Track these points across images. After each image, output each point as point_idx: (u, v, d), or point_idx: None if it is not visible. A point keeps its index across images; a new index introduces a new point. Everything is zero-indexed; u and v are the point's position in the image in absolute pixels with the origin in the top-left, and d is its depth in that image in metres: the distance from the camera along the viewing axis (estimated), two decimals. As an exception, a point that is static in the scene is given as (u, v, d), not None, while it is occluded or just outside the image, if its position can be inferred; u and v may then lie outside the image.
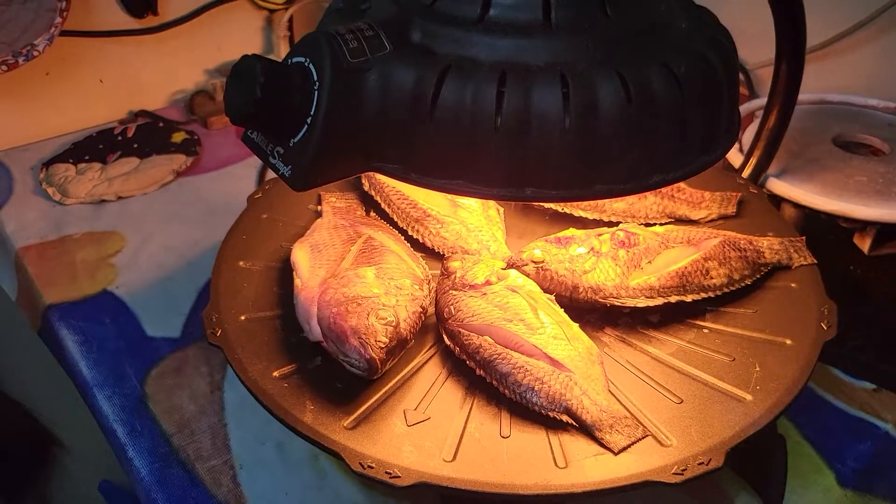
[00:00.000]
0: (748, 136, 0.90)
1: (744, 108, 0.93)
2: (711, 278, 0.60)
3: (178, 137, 1.08)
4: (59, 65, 1.07)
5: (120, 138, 1.08)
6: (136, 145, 1.06)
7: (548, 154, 0.43)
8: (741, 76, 1.16)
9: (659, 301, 0.58)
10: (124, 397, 0.73)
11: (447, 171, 0.44)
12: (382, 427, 0.50)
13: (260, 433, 0.69)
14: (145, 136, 1.08)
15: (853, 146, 0.87)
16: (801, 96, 0.89)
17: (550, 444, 0.49)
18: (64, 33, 1.01)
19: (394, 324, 0.52)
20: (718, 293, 0.60)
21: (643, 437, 0.49)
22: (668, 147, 0.45)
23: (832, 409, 0.72)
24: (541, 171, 0.43)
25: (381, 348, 0.51)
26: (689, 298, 0.59)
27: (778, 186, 0.79)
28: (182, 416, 0.71)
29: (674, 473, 0.46)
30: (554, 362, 0.52)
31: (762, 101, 0.86)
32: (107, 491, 0.91)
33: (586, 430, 0.50)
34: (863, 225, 0.80)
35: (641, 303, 0.58)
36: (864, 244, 0.82)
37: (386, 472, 0.46)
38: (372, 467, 0.47)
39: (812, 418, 0.72)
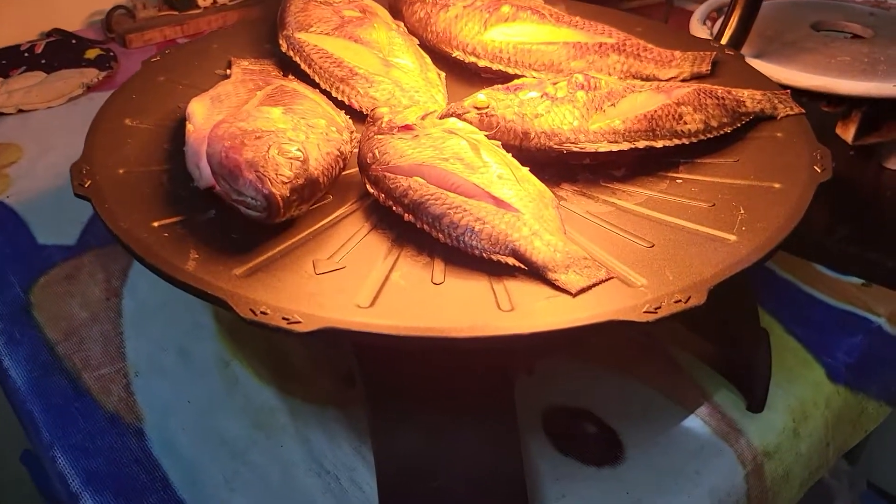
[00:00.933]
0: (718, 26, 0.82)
1: (707, 4, 0.85)
2: (685, 123, 0.51)
3: (91, 54, 0.97)
4: (-43, -27, 0.95)
5: (27, 54, 0.96)
6: (43, 61, 0.95)
7: None
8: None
9: (624, 146, 0.49)
10: (5, 305, 0.62)
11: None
12: (283, 276, 0.40)
13: (161, 339, 0.59)
14: (55, 51, 0.97)
15: (833, 34, 0.79)
16: (776, -8, 0.82)
17: (493, 289, 0.40)
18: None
19: (301, 158, 0.42)
20: (693, 140, 0.51)
21: (607, 279, 0.40)
22: None
23: (818, 304, 0.64)
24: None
25: (284, 183, 0.41)
26: (659, 144, 0.50)
27: (755, 65, 0.70)
28: (70, 324, 0.61)
29: (645, 312, 0.37)
30: (499, 202, 0.42)
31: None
32: (29, 461, 0.79)
33: (537, 272, 0.40)
34: (848, 108, 0.73)
35: (604, 147, 0.49)
36: (848, 133, 0.74)
37: (283, 318, 0.36)
38: (266, 313, 0.37)
39: (797, 312, 0.63)
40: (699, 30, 0.78)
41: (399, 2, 0.66)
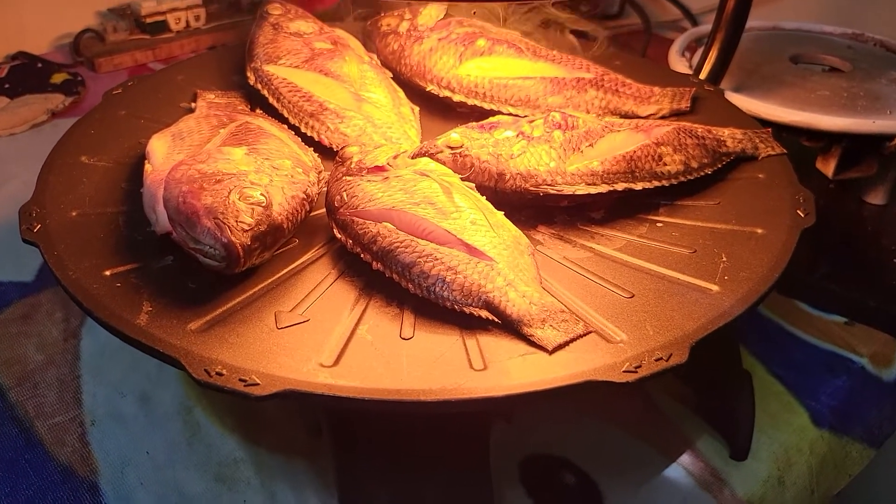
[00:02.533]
0: (697, 58, 0.81)
1: (686, 35, 0.84)
2: (665, 164, 0.49)
3: (58, 78, 0.94)
4: (-85, -7, 0.92)
5: (-11, 79, 0.93)
6: (7, 85, 0.92)
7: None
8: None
9: (603, 188, 0.47)
10: (-47, 350, 0.59)
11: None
12: (242, 331, 0.38)
13: (121, 384, 0.56)
14: (19, 76, 0.94)
15: (812, 66, 0.79)
16: (753, 23, 0.81)
17: (465, 344, 0.37)
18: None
19: (263, 204, 0.40)
20: (673, 182, 0.49)
21: (585, 334, 0.38)
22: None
23: (802, 344, 0.63)
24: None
25: (245, 231, 0.39)
26: (638, 186, 0.48)
27: (735, 99, 0.69)
28: (24, 368, 0.57)
29: (625, 371, 0.35)
30: (472, 250, 0.40)
31: (707, 27, 0.79)
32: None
33: (512, 326, 0.38)
34: (828, 143, 0.72)
35: (581, 190, 0.47)
36: (829, 167, 0.73)
37: (240, 380, 0.34)
38: (221, 374, 0.34)
39: (780, 354, 0.62)
40: (678, 62, 0.77)
41: (372, 33, 0.64)
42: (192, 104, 0.57)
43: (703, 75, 0.69)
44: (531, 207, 0.49)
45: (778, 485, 0.52)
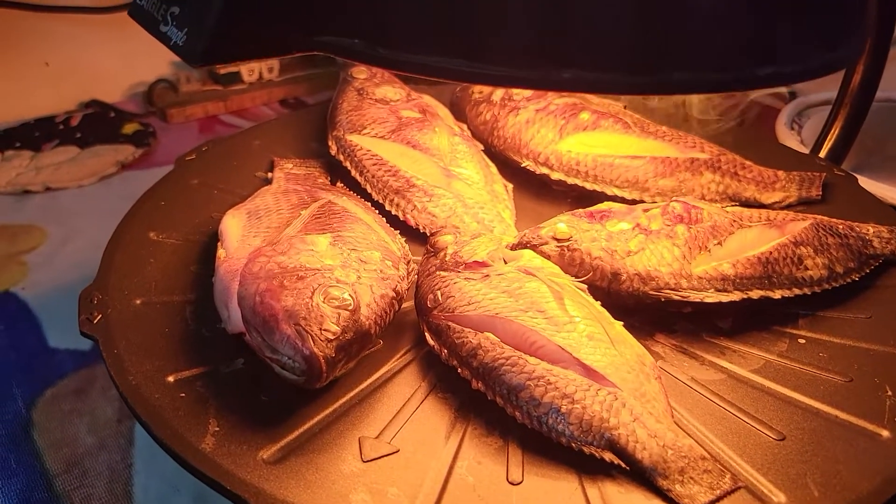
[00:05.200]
0: (808, 132, 0.74)
1: (793, 105, 0.78)
2: (806, 269, 0.42)
3: (129, 129, 0.92)
4: (-5, 40, 0.92)
5: (62, 127, 0.92)
6: (79, 135, 0.90)
7: (607, 13, 0.26)
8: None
9: (735, 296, 0.41)
10: (3, 424, 0.55)
11: (437, 40, 0.27)
12: (321, 463, 0.32)
13: (176, 478, 0.51)
14: (91, 125, 0.92)
15: (940, 144, 0.71)
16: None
17: (587, 494, 0.31)
18: (2, 3, 0.87)
19: (350, 307, 0.35)
20: (816, 289, 0.42)
21: (734, 490, 0.31)
22: (783, 24, 0.28)
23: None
24: (593, 41, 0.26)
25: (329, 341, 0.33)
26: (777, 295, 0.41)
27: (863, 182, 0.62)
28: (74, 452, 0.53)
29: (792, 550, 0.28)
30: (590, 372, 0.34)
31: (814, 97, 0.72)
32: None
33: (642, 474, 0.32)
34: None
35: (711, 297, 0.40)
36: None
37: (320, 534, 0.28)
38: (298, 524, 0.29)
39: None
40: (787, 136, 0.70)
41: (462, 101, 0.59)
42: (269, 174, 0.52)
43: (821, 153, 0.62)
44: (646, 311, 0.42)
45: None
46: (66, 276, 0.70)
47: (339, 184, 0.52)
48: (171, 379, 0.35)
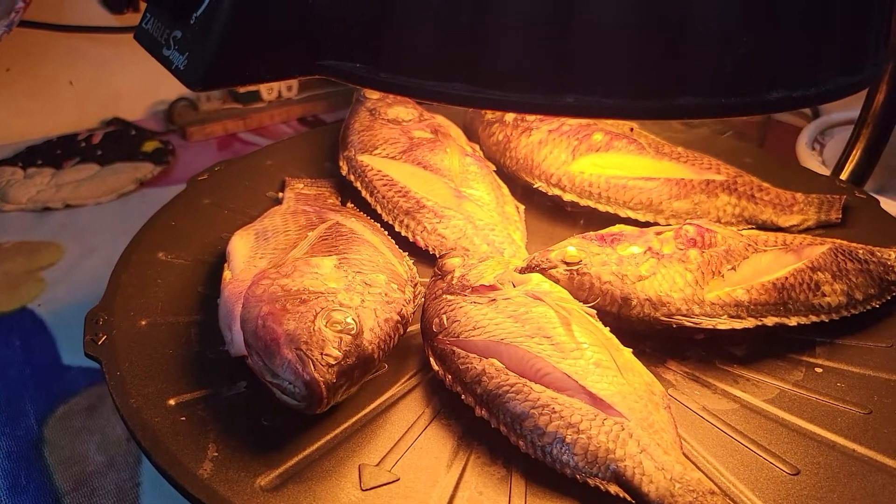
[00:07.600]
0: (830, 152, 0.73)
1: (814, 126, 0.76)
2: (824, 295, 0.41)
3: (149, 147, 0.93)
4: (21, 60, 0.94)
5: (83, 144, 0.93)
6: (99, 152, 0.92)
7: (609, 37, 0.26)
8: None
9: (749, 323, 0.40)
10: (15, 441, 0.55)
11: (438, 65, 0.27)
12: (320, 490, 0.31)
13: (181, 498, 0.50)
14: (112, 143, 0.94)
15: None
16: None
17: (590, 530, 0.30)
18: (29, 24, 0.88)
19: (353, 332, 0.34)
20: (833, 316, 0.41)
21: (743, 527, 0.30)
22: (795, 47, 0.28)
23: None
24: (595, 65, 0.26)
25: (331, 366, 0.33)
26: (792, 322, 0.40)
27: (885, 205, 0.60)
28: (83, 470, 0.53)
29: (803, 593, 0.27)
30: (597, 401, 0.33)
31: (836, 115, 0.71)
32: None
33: (649, 509, 0.31)
34: None
35: (724, 324, 0.39)
36: None
37: (314, 566, 0.28)
38: (293, 555, 0.28)
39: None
40: (808, 157, 0.69)
41: (475, 122, 0.59)
42: (280, 194, 0.52)
43: (843, 175, 0.61)
44: (658, 337, 0.41)
45: None
46: (82, 293, 0.70)
47: (349, 204, 0.51)
48: (172, 402, 0.35)
